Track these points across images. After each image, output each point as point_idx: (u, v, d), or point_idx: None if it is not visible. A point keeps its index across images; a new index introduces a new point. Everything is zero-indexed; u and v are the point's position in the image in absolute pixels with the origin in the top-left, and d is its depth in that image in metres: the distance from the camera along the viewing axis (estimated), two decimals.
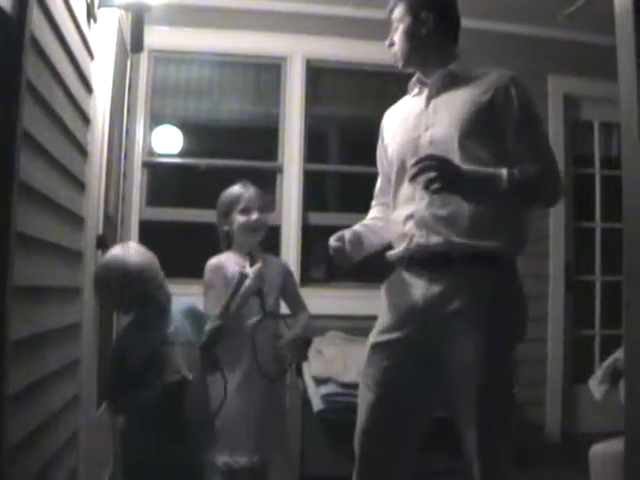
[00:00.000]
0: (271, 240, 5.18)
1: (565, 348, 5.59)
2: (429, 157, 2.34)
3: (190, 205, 5.17)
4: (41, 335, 2.54)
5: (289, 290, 3.41)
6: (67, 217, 2.91)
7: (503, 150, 2.47)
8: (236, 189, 3.32)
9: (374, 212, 2.88)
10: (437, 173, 2.30)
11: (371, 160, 2.84)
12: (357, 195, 2.96)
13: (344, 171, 5.68)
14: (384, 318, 2.62)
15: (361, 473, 2.63)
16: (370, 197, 2.92)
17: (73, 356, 3.06)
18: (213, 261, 3.25)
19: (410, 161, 2.47)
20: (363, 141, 5.78)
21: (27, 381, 2.35)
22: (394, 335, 2.56)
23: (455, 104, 2.52)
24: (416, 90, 2.71)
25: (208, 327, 2.71)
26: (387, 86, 5.56)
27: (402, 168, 2.61)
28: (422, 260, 2.53)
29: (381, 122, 2.90)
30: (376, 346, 2.61)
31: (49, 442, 2.68)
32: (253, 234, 3.28)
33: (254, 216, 3.25)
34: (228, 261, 3.24)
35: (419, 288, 2.52)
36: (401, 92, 2.84)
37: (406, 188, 2.59)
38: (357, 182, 5.40)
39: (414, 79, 2.72)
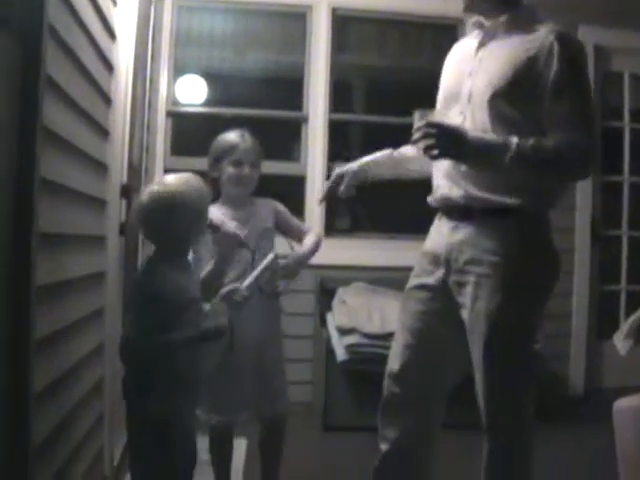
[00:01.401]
0: (296, 191, 5.20)
1: (590, 303, 5.57)
2: (429, 124, 2.32)
3: None
4: (66, 282, 2.55)
5: (285, 223, 3.28)
6: (91, 164, 2.90)
7: (537, 112, 2.40)
8: (233, 137, 3.19)
9: None
10: (435, 141, 2.30)
11: (397, 110, 2.81)
12: (382, 145, 2.92)
13: (369, 121, 5.64)
14: (419, 263, 2.65)
15: (383, 413, 2.66)
16: (395, 147, 2.90)
17: (97, 305, 3.07)
18: None
19: (450, 109, 2.53)
20: (389, 91, 5.78)
21: (52, 328, 2.37)
22: (423, 280, 2.59)
23: (499, 58, 2.45)
24: (476, 31, 2.62)
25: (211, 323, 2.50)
26: (413, 35, 5.51)
27: (443, 112, 2.59)
28: (446, 210, 2.56)
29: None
30: (410, 290, 2.65)
31: (74, 388, 2.70)
32: (241, 188, 3.17)
33: (245, 170, 3.14)
34: (214, 213, 2.97)
35: (445, 235, 2.54)
36: (427, 41, 2.79)
37: None
38: (382, 132, 5.38)
39: (474, 19, 2.61)
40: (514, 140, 2.32)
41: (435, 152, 2.31)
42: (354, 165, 2.82)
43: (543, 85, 2.38)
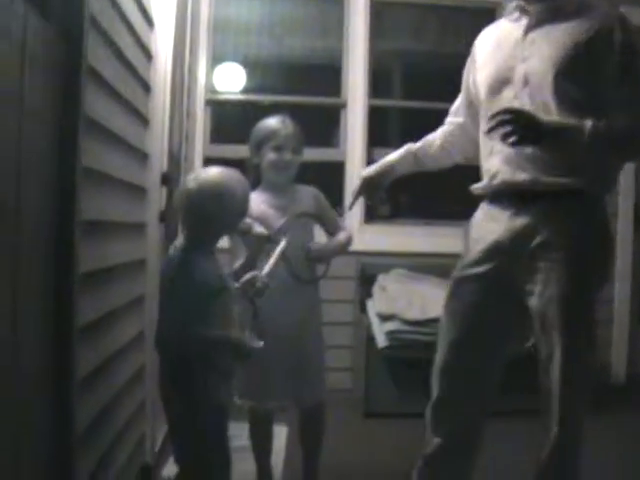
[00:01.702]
0: (335, 177, 5.20)
1: (633, 289, 5.50)
2: (506, 111, 2.30)
3: None
4: (107, 270, 2.57)
5: (324, 214, 3.26)
6: (132, 153, 2.92)
7: (600, 93, 2.38)
8: (273, 123, 3.17)
9: (441, 130, 2.85)
10: (513, 127, 2.27)
11: (436, 95, 2.78)
12: (422, 130, 2.91)
13: (408, 106, 5.62)
14: (469, 252, 2.60)
15: (437, 410, 2.62)
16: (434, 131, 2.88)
17: (138, 292, 3.10)
18: None
19: (500, 94, 2.49)
20: (428, 76, 5.74)
21: (95, 315, 2.40)
22: (479, 269, 2.54)
23: (554, 39, 2.42)
24: (516, 15, 2.58)
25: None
26: (452, 19, 5.47)
27: (491, 98, 2.55)
28: (507, 195, 2.51)
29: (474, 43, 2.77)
30: (461, 280, 2.60)
31: (116, 375, 2.73)
32: (282, 174, 3.16)
33: (286, 156, 3.12)
34: (254, 201, 3.01)
35: (503, 222, 2.49)
36: (466, 25, 2.75)
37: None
38: (421, 117, 5.35)
39: (514, 3, 2.58)
40: (588, 122, 2.30)
41: (513, 139, 2.29)
42: (378, 167, 2.83)
43: (604, 66, 2.36)
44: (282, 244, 2.83)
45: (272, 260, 2.78)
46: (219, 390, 2.43)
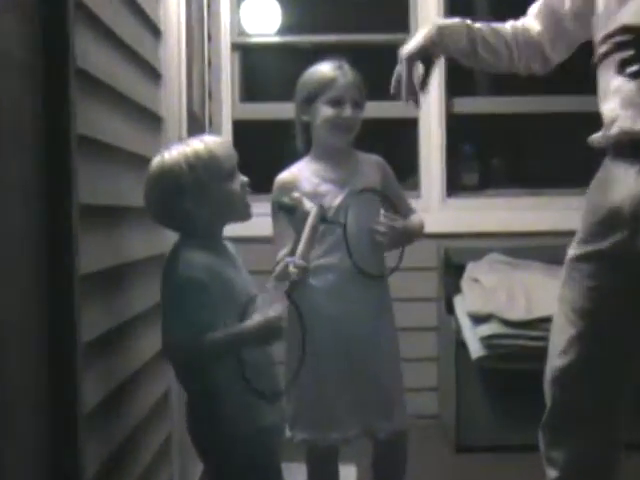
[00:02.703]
0: (408, 136, 5.17)
1: None
2: (623, 29, 2.23)
3: None
4: (118, 268, 2.58)
5: (391, 191, 3.23)
6: (141, 115, 2.93)
7: None
8: (328, 70, 3.14)
9: (512, 27, 2.81)
10: (635, 52, 2.19)
11: None
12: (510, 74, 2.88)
13: None
14: (585, 224, 2.57)
15: (550, 430, 2.61)
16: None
17: (159, 295, 3.10)
18: (283, 176, 3.16)
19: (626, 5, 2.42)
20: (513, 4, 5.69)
21: (103, 327, 2.40)
22: (596, 246, 2.51)
23: None
24: None
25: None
26: None
27: (609, 14, 2.48)
28: (630, 149, 2.45)
29: None
30: (576, 260, 2.58)
31: (134, 404, 2.74)
32: (341, 134, 3.14)
33: (347, 111, 3.09)
34: (303, 173, 3.12)
35: (626, 184, 2.44)
36: None
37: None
38: None
39: None
40: None
41: (635, 68, 2.21)
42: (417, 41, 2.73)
43: None
44: (313, 211, 2.78)
45: (304, 236, 2.74)
46: (253, 413, 2.43)
